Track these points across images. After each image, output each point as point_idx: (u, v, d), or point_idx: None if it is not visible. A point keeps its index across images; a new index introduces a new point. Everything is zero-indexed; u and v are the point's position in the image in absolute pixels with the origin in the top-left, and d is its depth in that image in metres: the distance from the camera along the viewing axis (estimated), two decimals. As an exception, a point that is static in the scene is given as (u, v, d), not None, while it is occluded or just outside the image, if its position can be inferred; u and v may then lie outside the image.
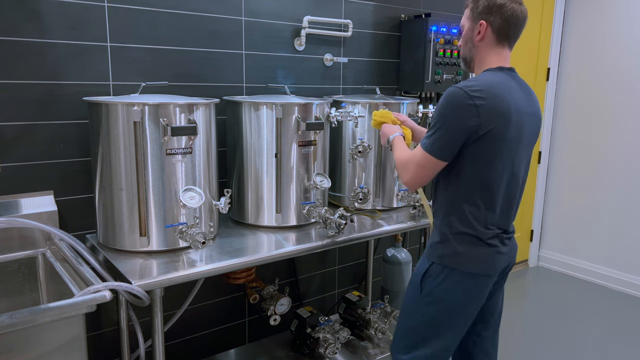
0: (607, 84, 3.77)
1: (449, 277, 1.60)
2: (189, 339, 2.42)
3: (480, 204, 1.56)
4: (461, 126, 1.49)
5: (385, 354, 2.48)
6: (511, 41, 1.62)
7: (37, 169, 1.89)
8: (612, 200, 3.82)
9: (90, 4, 1.91)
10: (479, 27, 1.59)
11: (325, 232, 2.02)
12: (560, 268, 4.20)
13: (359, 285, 3.04)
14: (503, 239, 1.63)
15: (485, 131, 1.48)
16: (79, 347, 1.40)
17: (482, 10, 1.59)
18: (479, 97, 1.47)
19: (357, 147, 2.23)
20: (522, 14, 1.58)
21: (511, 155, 1.56)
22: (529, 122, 1.59)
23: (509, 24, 1.57)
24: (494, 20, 1.57)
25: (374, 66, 2.79)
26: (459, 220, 1.58)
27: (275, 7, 2.37)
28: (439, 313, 1.64)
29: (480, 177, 1.55)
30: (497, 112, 1.48)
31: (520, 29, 1.61)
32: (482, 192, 1.56)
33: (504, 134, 1.50)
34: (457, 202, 1.59)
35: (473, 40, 1.62)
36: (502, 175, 1.56)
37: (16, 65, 1.80)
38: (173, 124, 1.69)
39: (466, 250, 1.58)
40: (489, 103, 1.47)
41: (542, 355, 2.91)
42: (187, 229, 1.74)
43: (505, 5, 1.56)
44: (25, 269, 1.82)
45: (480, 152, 1.51)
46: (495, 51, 1.61)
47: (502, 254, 1.63)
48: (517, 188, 1.64)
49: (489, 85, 1.50)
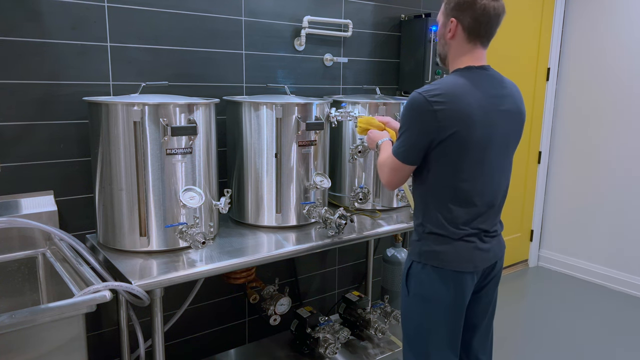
0: (607, 84, 3.77)
1: (428, 275, 1.61)
2: (189, 339, 2.42)
3: (451, 206, 1.56)
4: (422, 131, 1.50)
5: (386, 354, 2.49)
6: (483, 40, 1.56)
7: (37, 169, 1.89)
8: (612, 200, 3.82)
9: (90, 4, 1.91)
10: (450, 24, 1.56)
11: (325, 232, 2.02)
12: (560, 268, 4.20)
13: (359, 285, 3.04)
14: (482, 237, 1.61)
15: (446, 135, 1.48)
16: (79, 347, 1.40)
17: (454, 6, 1.54)
18: (437, 102, 1.47)
19: (357, 147, 2.23)
20: (494, 11, 1.51)
21: (481, 156, 1.53)
22: (503, 120, 1.55)
23: (480, 23, 1.52)
24: (464, 18, 1.52)
25: (374, 66, 2.79)
26: (430, 220, 1.60)
27: (275, 7, 2.37)
28: (427, 312, 1.63)
29: (448, 179, 1.55)
30: (457, 116, 1.47)
31: (494, 27, 1.55)
32: (451, 194, 1.56)
33: (468, 137, 1.49)
34: (428, 203, 1.61)
35: (445, 37, 1.60)
36: (473, 176, 1.54)
37: (16, 65, 1.80)
38: (173, 124, 1.69)
39: (442, 248, 1.58)
40: (449, 107, 1.46)
41: (542, 356, 2.91)
42: (187, 229, 1.74)
43: (476, 3, 1.49)
44: (25, 269, 1.82)
45: (445, 155, 1.52)
46: (467, 49, 1.57)
47: (481, 250, 1.61)
48: (494, 188, 1.61)
49: (450, 89, 1.49)
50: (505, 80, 1.62)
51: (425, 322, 1.65)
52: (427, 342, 1.66)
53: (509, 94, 1.59)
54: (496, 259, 1.68)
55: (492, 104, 1.53)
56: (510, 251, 4.17)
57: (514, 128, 1.61)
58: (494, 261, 1.68)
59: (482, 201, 1.58)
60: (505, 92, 1.58)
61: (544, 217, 4.29)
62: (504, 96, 1.57)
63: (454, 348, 1.67)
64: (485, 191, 1.58)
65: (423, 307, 1.64)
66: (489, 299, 1.75)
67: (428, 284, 1.61)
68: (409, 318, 1.70)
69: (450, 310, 1.62)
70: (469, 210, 1.57)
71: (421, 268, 1.62)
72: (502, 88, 1.58)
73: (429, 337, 1.65)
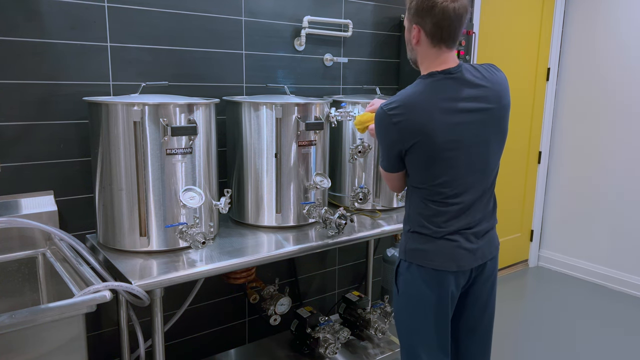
0: (607, 84, 3.77)
1: (413, 274, 1.62)
2: (189, 339, 2.42)
3: (430, 205, 1.58)
4: (390, 142, 1.56)
5: (386, 354, 2.49)
6: (448, 42, 1.53)
7: (37, 169, 1.89)
8: (612, 200, 3.82)
9: (90, 4, 1.91)
10: (413, 30, 1.55)
11: (325, 232, 2.02)
12: (560, 268, 4.20)
13: (359, 285, 3.04)
14: (467, 236, 1.60)
15: (410, 145, 1.51)
16: (79, 347, 1.40)
17: (414, 13, 1.52)
18: (396, 114, 1.50)
19: (357, 147, 2.23)
20: (455, 12, 1.47)
21: (451, 159, 1.52)
22: (473, 121, 1.53)
23: (441, 27, 1.49)
24: (425, 24, 1.50)
25: (374, 66, 2.79)
26: (414, 220, 1.63)
27: (275, 7, 2.37)
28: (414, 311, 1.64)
29: (424, 182, 1.58)
30: (415, 127, 1.49)
31: (457, 29, 1.52)
32: (429, 194, 1.58)
33: (431, 144, 1.50)
34: (412, 203, 1.65)
35: (411, 43, 1.59)
36: (447, 178, 1.54)
37: (16, 65, 1.80)
38: (173, 124, 1.69)
39: (424, 246, 1.60)
40: (407, 119, 1.49)
41: (542, 356, 2.91)
42: (187, 229, 1.74)
43: (435, 7, 1.46)
44: (25, 269, 1.82)
45: (414, 162, 1.56)
46: (432, 52, 1.55)
47: (466, 249, 1.59)
48: (474, 187, 1.59)
49: (407, 100, 1.51)
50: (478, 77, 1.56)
51: (412, 321, 1.66)
52: (415, 341, 1.66)
53: (480, 93, 1.54)
54: (485, 259, 1.65)
55: (456, 108, 1.51)
56: (510, 251, 4.17)
57: (492, 125, 1.57)
58: (483, 262, 1.65)
59: (460, 200, 1.58)
60: (475, 92, 1.54)
61: (544, 217, 4.29)
62: (473, 97, 1.53)
63: (443, 348, 1.66)
64: (463, 190, 1.58)
65: (410, 306, 1.65)
66: (484, 301, 1.71)
67: (413, 283, 1.63)
68: (399, 317, 1.71)
69: (434, 309, 1.61)
70: (448, 209, 1.58)
71: (407, 267, 1.64)
72: (471, 89, 1.54)
73: (417, 336, 1.66)
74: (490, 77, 1.58)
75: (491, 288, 1.72)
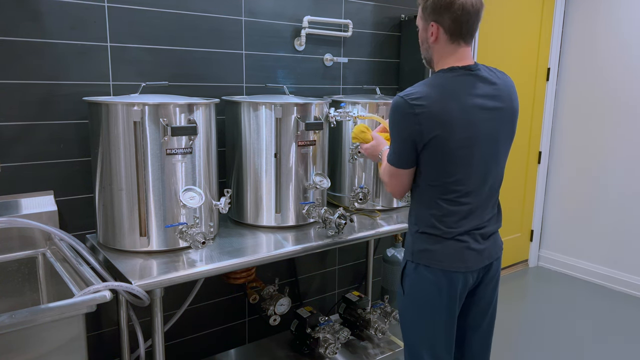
0: (607, 84, 3.77)
1: (420, 274, 1.61)
2: (189, 339, 2.42)
3: (442, 205, 1.57)
4: (408, 134, 1.51)
5: (386, 354, 2.49)
6: (466, 38, 1.55)
7: (37, 169, 1.89)
8: (612, 200, 3.82)
9: (90, 4, 1.91)
10: (431, 28, 1.55)
11: (324, 232, 2.02)
12: (560, 268, 4.20)
13: (359, 285, 3.04)
14: (475, 236, 1.60)
15: (429, 138, 1.48)
16: (79, 347, 1.40)
17: (431, 11, 1.52)
18: (418, 104, 1.47)
19: (357, 147, 2.22)
20: (473, 8, 1.49)
21: (466, 156, 1.53)
22: (488, 119, 1.54)
23: (461, 22, 1.50)
24: (444, 20, 1.51)
25: (373, 66, 2.79)
26: (422, 220, 1.61)
27: (275, 7, 2.37)
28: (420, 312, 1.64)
29: (437, 180, 1.56)
30: (437, 119, 1.47)
31: (475, 24, 1.53)
32: (441, 193, 1.56)
33: (450, 140, 1.49)
34: (421, 203, 1.62)
35: (428, 41, 1.59)
36: (460, 176, 1.54)
37: (16, 65, 1.80)
38: (173, 124, 1.69)
39: (433, 247, 1.59)
40: (429, 110, 1.47)
41: (542, 356, 2.91)
42: (187, 229, 1.74)
43: (454, 4, 1.48)
44: (25, 269, 1.82)
45: (430, 158, 1.53)
46: (451, 49, 1.55)
47: (473, 250, 1.60)
48: (484, 186, 1.60)
49: (430, 92, 1.49)
50: (494, 77, 1.58)
51: (418, 321, 1.65)
52: (420, 342, 1.66)
53: (496, 92, 1.57)
54: (491, 259, 1.66)
55: (474, 104, 1.51)
56: (510, 251, 4.17)
57: (504, 124, 1.59)
58: (489, 262, 1.66)
59: (471, 200, 1.58)
60: (492, 91, 1.56)
61: (544, 217, 4.28)
62: (490, 95, 1.55)
63: (447, 348, 1.66)
64: (474, 190, 1.58)
65: (417, 306, 1.65)
66: (488, 300, 1.73)
67: (420, 284, 1.62)
68: (404, 317, 1.70)
69: (442, 310, 1.61)
70: (459, 208, 1.57)
71: (414, 268, 1.63)
72: (488, 86, 1.55)
73: (422, 337, 1.65)
74: (502, 78, 1.61)
75: (495, 287, 1.74)
